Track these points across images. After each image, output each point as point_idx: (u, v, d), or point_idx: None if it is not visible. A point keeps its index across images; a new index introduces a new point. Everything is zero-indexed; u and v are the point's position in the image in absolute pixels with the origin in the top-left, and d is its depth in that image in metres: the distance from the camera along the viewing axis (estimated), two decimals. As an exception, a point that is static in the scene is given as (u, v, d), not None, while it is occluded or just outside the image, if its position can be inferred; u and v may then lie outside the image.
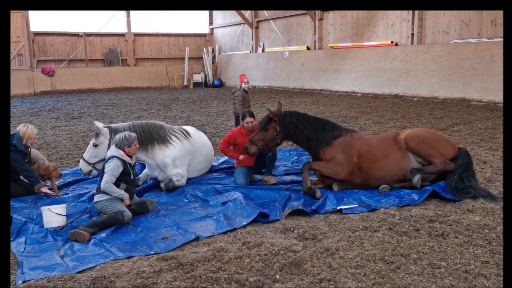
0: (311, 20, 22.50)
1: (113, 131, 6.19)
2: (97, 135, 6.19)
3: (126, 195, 5.32)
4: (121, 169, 5.29)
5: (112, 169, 5.23)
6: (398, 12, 18.46)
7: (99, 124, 6.24)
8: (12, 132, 6.21)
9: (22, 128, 6.29)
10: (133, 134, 5.54)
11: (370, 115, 13.29)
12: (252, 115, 6.79)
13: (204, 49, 28.94)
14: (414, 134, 6.03)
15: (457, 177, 5.74)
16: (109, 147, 6.08)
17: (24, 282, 3.76)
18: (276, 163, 7.22)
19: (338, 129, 6.29)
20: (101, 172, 5.45)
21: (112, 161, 5.29)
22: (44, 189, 6.24)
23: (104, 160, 6.07)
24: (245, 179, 6.64)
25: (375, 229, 4.75)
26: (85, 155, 6.25)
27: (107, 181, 5.20)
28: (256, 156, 6.46)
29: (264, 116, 6.38)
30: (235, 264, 3.97)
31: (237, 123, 10.03)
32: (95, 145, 6.20)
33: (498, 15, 15.22)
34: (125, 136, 5.42)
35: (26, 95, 22.82)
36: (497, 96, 14.35)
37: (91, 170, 6.20)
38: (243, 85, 9.74)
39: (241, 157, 6.64)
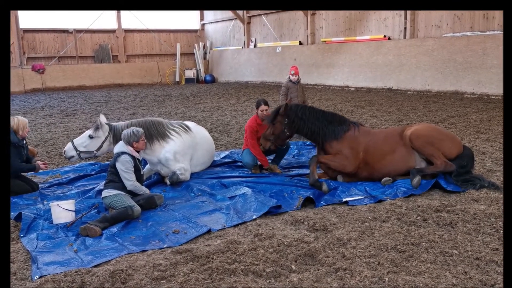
0: (303, 15, 22.53)
1: (112, 130, 6.30)
2: (97, 128, 6.26)
3: (147, 190, 5.54)
4: (132, 164, 5.31)
5: (127, 167, 5.29)
6: (390, 6, 18.55)
7: (103, 119, 6.31)
8: None
9: (12, 121, 6.09)
10: (140, 130, 5.58)
11: (366, 108, 13.38)
12: (266, 103, 6.87)
13: (196, 45, 28.83)
14: (419, 133, 6.00)
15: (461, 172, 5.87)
16: (102, 144, 6.21)
17: (40, 277, 3.75)
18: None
19: (346, 123, 6.31)
20: (109, 168, 5.45)
21: (123, 158, 5.30)
22: (42, 165, 6.22)
23: (91, 154, 6.23)
24: (254, 160, 6.85)
25: (384, 219, 4.82)
26: (75, 141, 6.28)
27: (131, 179, 5.30)
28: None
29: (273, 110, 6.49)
30: (250, 256, 4.00)
31: None
32: (91, 137, 6.25)
33: (490, 8, 15.39)
34: (133, 132, 5.45)
35: (17, 93, 22.53)
36: (490, 88, 14.54)
37: (72, 157, 6.20)
38: (290, 76, 9.64)
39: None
